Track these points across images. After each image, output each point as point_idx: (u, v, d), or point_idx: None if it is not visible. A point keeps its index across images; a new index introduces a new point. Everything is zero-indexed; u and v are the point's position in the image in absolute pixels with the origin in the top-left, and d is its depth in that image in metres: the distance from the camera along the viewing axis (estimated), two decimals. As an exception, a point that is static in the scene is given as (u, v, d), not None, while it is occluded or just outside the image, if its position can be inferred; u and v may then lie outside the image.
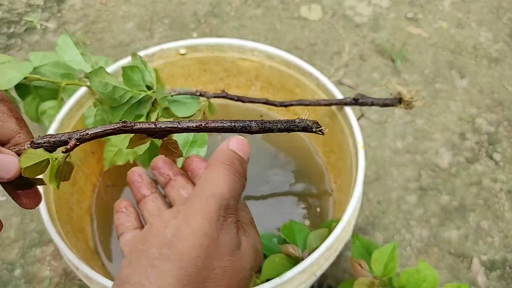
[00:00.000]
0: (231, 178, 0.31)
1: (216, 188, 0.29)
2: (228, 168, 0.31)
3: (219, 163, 0.31)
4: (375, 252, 0.58)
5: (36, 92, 0.62)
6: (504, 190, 0.91)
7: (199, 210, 0.28)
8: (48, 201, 0.58)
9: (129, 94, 0.52)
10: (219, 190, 0.29)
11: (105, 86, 0.50)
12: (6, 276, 0.79)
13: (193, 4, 1.21)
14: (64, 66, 0.63)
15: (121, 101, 0.51)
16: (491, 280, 0.81)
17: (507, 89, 1.06)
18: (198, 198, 0.29)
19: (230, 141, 0.32)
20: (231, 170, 0.31)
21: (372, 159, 0.94)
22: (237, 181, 0.31)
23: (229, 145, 0.32)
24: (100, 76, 0.49)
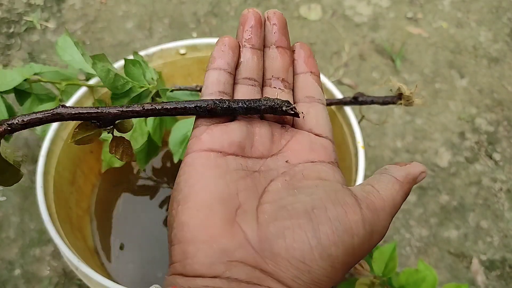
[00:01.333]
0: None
1: (391, 217, 0.28)
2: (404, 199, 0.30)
3: (407, 192, 0.29)
4: (375, 252, 0.58)
5: (35, 96, 0.62)
6: (503, 189, 0.91)
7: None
8: (47, 200, 0.58)
9: (130, 84, 0.52)
10: (389, 221, 0.29)
11: (107, 72, 0.50)
12: (5, 276, 0.79)
13: (192, 4, 1.21)
14: (64, 74, 0.63)
15: (121, 90, 0.51)
16: (490, 280, 0.81)
17: (506, 89, 1.06)
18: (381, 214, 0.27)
19: (420, 176, 0.30)
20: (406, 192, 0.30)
21: (371, 159, 0.94)
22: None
23: (418, 177, 0.30)
24: (103, 62, 0.50)
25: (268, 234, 0.24)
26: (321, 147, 0.30)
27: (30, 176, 0.89)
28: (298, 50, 0.32)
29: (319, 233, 0.24)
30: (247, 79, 0.31)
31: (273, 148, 0.30)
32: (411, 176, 0.29)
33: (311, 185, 0.27)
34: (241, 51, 0.31)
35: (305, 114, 0.31)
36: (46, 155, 0.61)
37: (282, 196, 0.26)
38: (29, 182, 0.88)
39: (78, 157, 0.69)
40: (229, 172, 0.27)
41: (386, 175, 0.28)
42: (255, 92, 0.31)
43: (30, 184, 0.88)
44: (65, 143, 0.65)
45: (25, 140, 0.94)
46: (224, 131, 0.28)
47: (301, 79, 0.32)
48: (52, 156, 0.63)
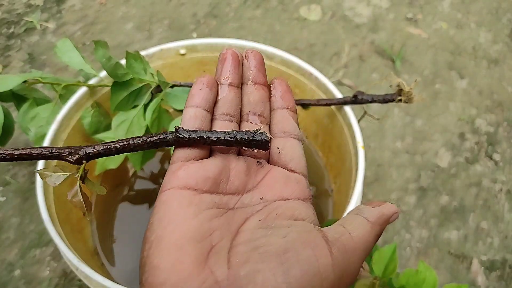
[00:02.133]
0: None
1: (361, 260, 0.28)
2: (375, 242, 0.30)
3: (377, 236, 0.29)
4: (376, 253, 0.58)
5: (33, 99, 0.62)
6: (503, 190, 0.91)
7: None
8: (48, 202, 0.58)
9: (130, 75, 0.52)
10: (360, 263, 0.29)
11: (108, 59, 0.50)
12: (5, 277, 0.79)
13: (192, 5, 1.21)
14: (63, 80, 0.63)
15: (122, 79, 0.51)
16: (490, 281, 0.81)
17: (506, 89, 1.06)
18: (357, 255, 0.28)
19: (393, 217, 0.30)
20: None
21: (371, 160, 0.94)
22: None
23: (391, 219, 0.30)
24: (105, 48, 0.50)
25: (239, 277, 0.24)
26: (295, 183, 0.31)
27: (30, 177, 0.89)
28: (275, 86, 0.33)
29: (289, 277, 0.24)
30: (224, 115, 0.31)
31: (249, 183, 0.30)
32: (384, 218, 0.29)
33: (285, 226, 0.27)
34: (219, 88, 0.32)
35: (281, 149, 0.32)
36: (46, 156, 0.60)
37: (255, 237, 0.26)
38: (29, 184, 0.88)
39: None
40: (203, 211, 0.27)
41: (359, 216, 0.29)
42: (232, 127, 0.32)
43: (30, 186, 0.88)
44: (64, 145, 0.65)
45: (24, 141, 0.94)
46: (199, 167, 0.29)
47: (278, 114, 0.33)
48: (52, 157, 0.62)
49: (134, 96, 0.54)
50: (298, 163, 0.32)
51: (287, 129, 0.32)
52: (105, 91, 0.66)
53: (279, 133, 0.32)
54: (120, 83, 0.54)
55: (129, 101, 0.55)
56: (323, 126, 0.73)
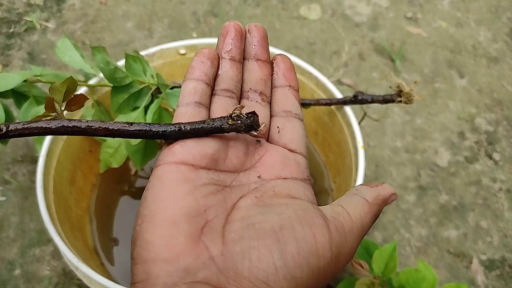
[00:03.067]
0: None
1: (359, 239, 0.28)
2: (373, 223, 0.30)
3: (375, 216, 0.29)
4: (376, 252, 0.58)
5: (34, 98, 0.62)
6: (503, 189, 0.91)
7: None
8: (47, 201, 0.58)
9: (130, 78, 0.52)
10: (358, 243, 0.29)
11: (106, 64, 0.50)
12: (5, 276, 0.79)
13: (192, 4, 1.21)
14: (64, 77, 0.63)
15: (121, 83, 0.51)
16: (490, 280, 0.81)
17: (506, 88, 1.06)
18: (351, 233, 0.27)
19: (390, 197, 0.30)
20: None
21: (371, 159, 0.94)
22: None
23: (389, 199, 0.30)
24: (103, 53, 0.50)
25: (233, 253, 0.23)
26: (294, 163, 0.30)
27: (30, 176, 0.89)
28: (278, 63, 0.32)
29: (285, 254, 0.23)
30: (225, 90, 0.31)
31: (247, 162, 0.30)
32: (381, 198, 0.29)
33: (281, 203, 0.27)
34: (220, 62, 0.31)
35: (281, 128, 0.31)
36: (46, 155, 0.61)
37: (251, 213, 0.26)
38: (29, 182, 0.88)
39: (77, 157, 0.69)
40: (199, 187, 0.26)
41: (357, 196, 0.28)
42: (232, 104, 0.31)
43: (30, 184, 0.88)
44: (65, 143, 0.65)
45: (24, 140, 0.94)
46: (197, 143, 0.28)
47: (279, 92, 0.32)
48: (52, 156, 0.63)
49: (135, 98, 0.54)
50: (298, 143, 0.31)
51: (288, 108, 0.31)
52: (106, 90, 0.66)
53: (280, 112, 0.31)
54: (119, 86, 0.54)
55: (130, 104, 0.55)
56: (323, 125, 0.73)
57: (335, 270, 0.25)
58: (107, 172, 0.68)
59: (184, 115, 0.29)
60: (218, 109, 0.30)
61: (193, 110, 0.29)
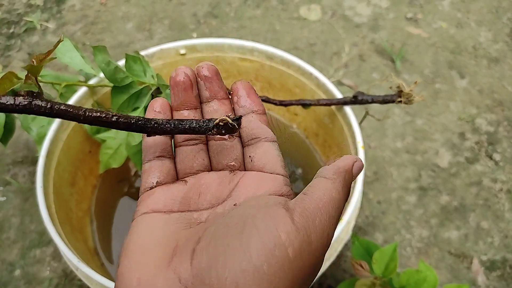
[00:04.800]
0: (342, 210, 0.28)
1: (336, 218, 0.26)
2: (347, 196, 0.28)
3: (344, 187, 0.27)
4: (376, 252, 0.58)
5: None
6: (504, 190, 0.91)
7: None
8: (48, 201, 0.58)
9: (130, 79, 0.52)
10: (335, 223, 0.27)
11: (107, 64, 0.50)
12: (6, 277, 0.79)
13: (192, 5, 1.21)
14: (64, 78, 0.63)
15: (121, 83, 0.51)
16: (491, 280, 0.81)
17: (507, 89, 1.06)
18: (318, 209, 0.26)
19: (355, 165, 0.29)
20: (346, 199, 0.28)
21: (372, 159, 0.94)
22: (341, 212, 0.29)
23: (353, 167, 0.29)
24: (104, 53, 0.50)
25: (201, 268, 0.23)
26: (270, 181, 0.29)
27: (30, 177, 0.89)
28: (236, 90, 0.31)
29: (250, 251, 0.22)
30: (187, 140, 0.31)
31: (223, 193, 0.29)
32: (342, 169, 0.28)
33: (245, 207, 0.26)
34: (177, 114, 0.31)
35: (253, 157, 0.30)
36: (46, 156, 0.61)
37: (215, 227, 0.25)
38: (29, 184, 0.88)
39: (78, 158, 0.69)
40: (171, 224, 0.26)
41: (317, 178, 0.27)
42: (197, 150, 0.31)
43: (30, 186, 0.88)
44: (64, 144, 0.65)
45: (25, 141, 0.94)
46: (165, 190, 0.28)
47: (245, 122, 0.31)
48: (52, 157, 0.62)
49: (135, 99, 0.54)
50: (273, 165, 0.30)
51: (256, 134, 0.31)
52: (106, 90, 0.66)
53: (249, 141, 0.31)
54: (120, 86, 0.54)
55: (130, 104, 0.55)
56: (324, 126, 0.73)
57: (312, 258, 0.24)
58: (108, 172, 0.68)
59: (149, 171, 0.29)
60: (184, 158, 0.30)
61: (157, 164, 0.29)
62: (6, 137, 0.70)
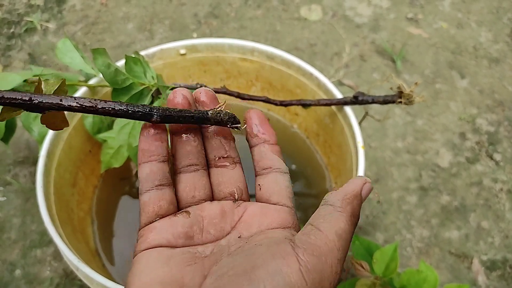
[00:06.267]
0: (352, 235, 0.27)
1: (344, 250, 0.26)
2: (355, 225, 0.27)
3: (351, 217, 0.26)
4: (377, 252, 0.58)
5: None
6: (504, 190, 0.91)
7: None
8: (48, 202, 0.58)
9: (130, 80, 0.52)
10: (345, 251, 0.26)
11: (107, 66, 0.50)
12: (7, 277, 0.79)
13: (193, 5, 1.21)
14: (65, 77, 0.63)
15: (122, 85, 0.51)
16: (491, 280, 0.81)
17: (507, 89, 1.06)
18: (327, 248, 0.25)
19: (365, 187, 0.28)
20: (355, 226, 0.27)
21: (372, 160, 0.94)
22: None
23: (362, 191, 0.28)
24: (104, 56, 0.50)
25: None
26: (275, 212, 0.29)
27: (31, 177, 0.89)
28: (249, 120, 0.31)
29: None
30: (187, 166, 0.30)
31: (226, 226, 0.29)
32: (351, 195, 0.27)
33: (254, 245, 0.25)
34: (177, 140, 0.30)
35: (261, 185, 0.30)
36: (46, 155, 0.61)
37: (223, 264, 0.25)
38: (30, 184, 0.88)
39: (79, 158, 0.69)
40: (175, 260, 0.26)
41: (325, 206, 0.27)
42: (199, 176, 0.30)
43: (31, 186, 0.88)
44: (65, 144, 0.65)
45: (26, 141, 0.94)
46: (168, 224, 0.27)
47: (256, 151, 0.31)
48: (53, 157, 0.63)
49: (135, 100, 0.54)
50: (280, 195, 0.29)
51: (267, 165, 0.30)
52: (106, 90, 0.66)
53: (260, 171, 0.30)
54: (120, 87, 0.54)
55: None
56: (324, 126, 0.73)
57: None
58: (109, 172, 0.69)
59: (148, 203, 0.28)
60: (185, 187, 0.29)
61: (157, 195, 0.28)
62: (7, 136, 0.70)
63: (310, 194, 0.76)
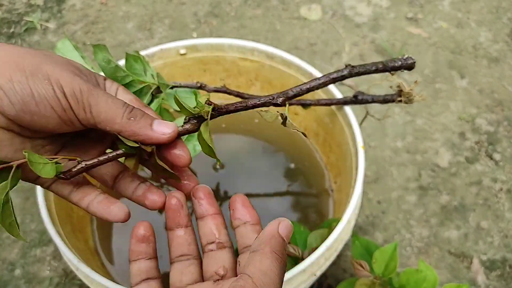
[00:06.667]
0: (283, 271, 0.29)
1: (274, 285, 0.28)
2: (280, 260, 0.29)
3: (273, 253, 0.29)
4: (376, 252, 0.58)
5: None
6: (504, 189, 0.91)
7: None
8: (48, 201, 0.58)
9: (130, 77, 0.52)
10: (276, 286, 0.29)
11: (108, 62, 0.50)
12: (6, 276, 0.79)
13: (193, 4, 1.21)
14: None
15: (121, 82, 0.51)
16: (491, 280, 0.81)
17: (507, 89, 1.06)
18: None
19: (280, 226, 0.31)
20: (282, 262, 0.29)
21: (372, 159, 0.94)
22: (284, 266, 0.30)
23: (279, 230, 0.30)
24: (104, 52, 0.50)
25: None
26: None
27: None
28: (232, 203, 0.35)
29: None
30: (179, 256, 0.35)
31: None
32: (266, 238, 0.29)
33: None
34: (171, 234, 0.35)
35: (240, 262, 0.33)
36: (47, 155, 0.61)
37: None
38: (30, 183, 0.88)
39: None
40: None
41: (250, 253, 0.29)
42: (189, 263, 0.35)
43: (30, 185, 0.88)
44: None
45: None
46: None
47: (239, 232, 0.34)
48: (53, 156, 0.62)
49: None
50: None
51: (248, 244, 0.34)
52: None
53: (241, 249, 0.34)
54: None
55: None
56: (324, 125, 0.73)
57: None
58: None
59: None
60: (174, 274, 0.34)
61: (144, 287, 0.34)
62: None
63: (310, 193, 0.76)
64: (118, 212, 0.35)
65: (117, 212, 0.35)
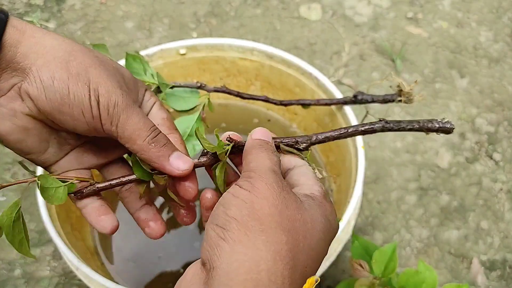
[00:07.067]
0: (269, 154, 0.32)
1: (264, 165, 0.31)
2: (262, 149, 0.32)
3: (254, 148, 0.32)
4: (376, 252, 0.58)
5: None
6: (504, 190, 0.91)
7: (264, 186, 0.29)
8: (47, 201, 0.57)
9: None
10: (267, 165, 0.31)
11: None
12: (5, 276, 0.79)
13: (192, 4, 1.21)
14: None
15: None
16: (491, 280, 0.81)
17: (507, 89, 1.06)
18: (259, 177, 0.30)
19: (253, 133, 0.34)
20: (265, 149, 0.32)
21: (372, 159, 0.94)
22: (274, 155, 0.33)
23: (252, 136, 0.34)
24: (104, 51, 0.50)
25: None
26: None
27: (30, 177, 0.89)
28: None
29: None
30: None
31: None
32: (247, 149, 0.33)
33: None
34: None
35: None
36: (46, 155, 0.60)
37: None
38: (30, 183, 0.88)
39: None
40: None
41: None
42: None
43: (30, 185, 0.88)
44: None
45: (25, 140, 0.94)
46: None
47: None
48: (52, 156, 0.62)
49: None
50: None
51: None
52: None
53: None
54: None
55: None
56: (324, 126, 0.73)
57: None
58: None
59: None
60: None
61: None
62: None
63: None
64: (105, 224, 0.36)
65: (105, 223, 0.36)
